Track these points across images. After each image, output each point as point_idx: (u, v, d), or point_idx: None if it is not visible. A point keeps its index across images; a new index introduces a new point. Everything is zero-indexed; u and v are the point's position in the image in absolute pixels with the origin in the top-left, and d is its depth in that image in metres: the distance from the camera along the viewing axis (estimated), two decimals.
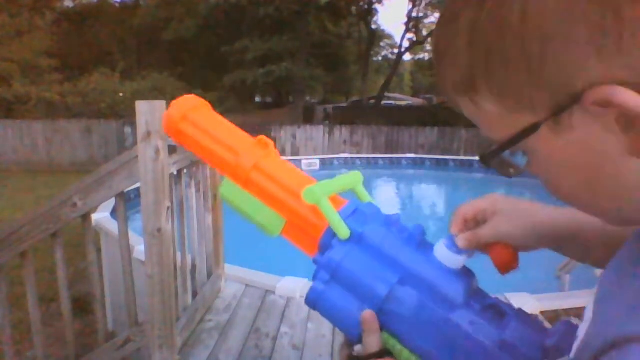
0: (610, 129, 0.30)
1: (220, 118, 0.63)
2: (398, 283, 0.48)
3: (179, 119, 0.60)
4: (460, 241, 0.50)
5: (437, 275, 0.48)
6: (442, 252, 0.50)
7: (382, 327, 0.49)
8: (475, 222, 0.54)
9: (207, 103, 0.63)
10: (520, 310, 0.49)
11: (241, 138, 0.60)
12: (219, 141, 0.59)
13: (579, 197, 0.36)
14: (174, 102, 0.61)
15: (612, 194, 0.33)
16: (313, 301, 0.52)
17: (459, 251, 0.50)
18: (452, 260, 0.49)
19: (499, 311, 0.48)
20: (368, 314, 0.49)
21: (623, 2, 0.27)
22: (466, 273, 0.50)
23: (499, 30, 0.31)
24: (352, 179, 0.58)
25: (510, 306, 0.49)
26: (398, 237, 0.51)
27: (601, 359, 0.29)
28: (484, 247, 0.52)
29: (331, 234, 0.52)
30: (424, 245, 0.51)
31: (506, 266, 0.51)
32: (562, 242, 0.52)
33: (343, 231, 0.51)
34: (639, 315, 0.28)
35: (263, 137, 0.60)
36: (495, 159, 0.37)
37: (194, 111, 0.61)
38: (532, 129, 0.33)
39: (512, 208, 0.52)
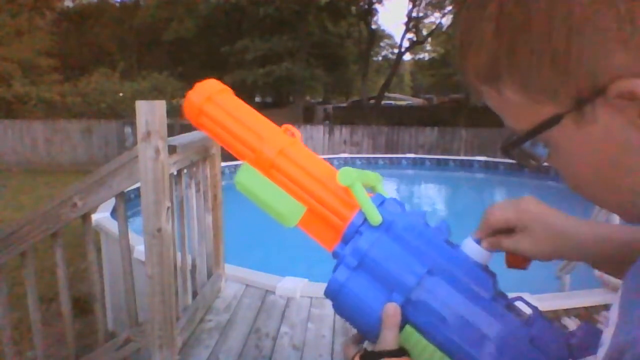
0: (633, 122, 0.30)
1: (244, 103, 0.61)
2: (427, 273, 0.47)
3: (204, 100, 0.58)
4: (484, 243, 0.51)
5: (467, 269, 0.48)
6: (471, 246, 0.50)
7: (408, 320, 0.47)
8: (505, 227, 0.52)
9: (230, 89, 0.62)
10: (540, 311, 0.48)
11: (266, 124, 0.59)
12: (244, 125, 0.58)
13: (597, 190, 0.35)
14: (197, 84, 0.60)
15: (631, 187, 0.33)
16: (334, 291, 0.49)
17: (487, 249, 0.50)
18: (481, 255, 0.49)
19: (522, 309, 0.48)
20: (392, 306, 0.46)
21: None
22: (490, 271, 0.50)
23: (526, 20, 0.31)
24: (375, 176, 0.58)
25: (532, 305, 0.49)
26: (426, 229, 0.51)
27: None
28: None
29: (360, 222, 0.51)
30: (449, 241, 0.51)
31: (514, 266, 0.52)
32: (587, 258, 0.50)
33: (375, 217, 0.50)
34: None
35: (290, 126, 0.59)
36: (515, 149, 0.36)
37: (219, 94, 0.60)
38: (555, 120, 0.33)
39: (540, 225, 0.49)
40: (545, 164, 0.38)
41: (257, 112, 0.61)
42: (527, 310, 0.49)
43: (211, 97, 0.59)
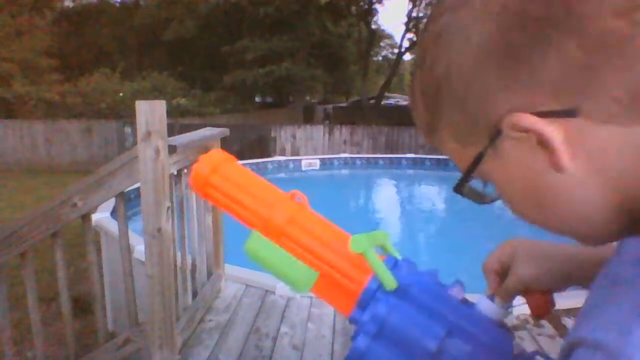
0: (534, 149, 0.35)
1: (250, 171, 0.62)
2: (447, 336, 0.47)
3: (209, 172, 0.59)
4: (497, 297, 0.53)
5: (485, 328, 0.48)
6: (486, 305, 0.50)
7: None
8: (504, 272, 0.55)
9: (234, 157, 0.63)
10: None
11: (273, 191, 0.59)
12: (251, 194, 0.58)
13: (536, 218, 0.39)
14: (202, 156, 0.61)
15: (556, 210, 0.37)
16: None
17: (502, 304, 0.51)
18: (498, 312, 0.50)
19: None
20: None
21: (515, 53, 0.34)
22: (507, 327, 0.50)
23: (435, 83, 0.39)
24: (383, 235, 0.57)
25: (549, 358, 0.49)
26: (441, 290, 0.51)
27: None
28: (522, 295, 0.54)
29: (375, 287, 0.51)
30: (464, 300, 0.51)
31: (541, 311, 0.53)
32: (586, 275, 0.52)
33: (390, 282, 0.49)
34: (586, 320, 0.31)
35: (297, 191, 0.59)
36: (463, 189, 0.42)
37: (224, 164, 0.61)
38: (478, 158, 0.39)
39: (528, 252, 0.54)
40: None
41: (263, 179, 0.61)
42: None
43: (216, 168, 0.60)
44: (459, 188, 0.42)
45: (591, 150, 0.33)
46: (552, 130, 0.33)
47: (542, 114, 0.33)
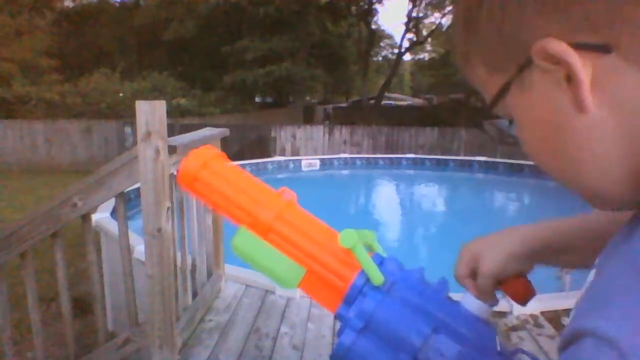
0: (560, 85, 0.32)
1: (239, 168, 0.61)
2: (433, 332, 0.47)
3: (199, 167, 0.59)
4: (477, 294, 0.53)
5: (470, 324, 0.49)
6: (471, 301, 0.50)
7: None
8: (471, 270, 0.56)
9: (223, 154, 0.62)
10: None
11: (262, 188, 0.60)
12: (240, 190, 0.58)
13: (552, 166, 0.37)
14: (192, 151, 0.60)
15: (573, 158, 0.35)
16: (342, 355, 0.50)
17: (487, 302, 0.52)
18: (482, 309, 0.50)
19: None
20: None
21: None
22: (492, 324, 0.51)
23: (478, 5, 0.37)
24: (371, 234, 0.57)
25: (533, 357, 0.49)
26: (426, 287, 0.51)
27: (563, 353, 0.31)
28: (499, 288, 0.54)
29: (361, 282, 0.51)
30: (449, 297, 0.52)
31: (521, 296, 0.53)
32: (550, 250, 0.54)
33: (378, 277, 0.50)
34: (594, 310, 0.30)
35: (286, 188, 0.59)
36: (486, 124, 0.40)
37: (213, 160, 0.60)
38: (504, 89, 0.37)
39: (486, 247, 0.56)
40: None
41: (252, 176, 0.61)
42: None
43: (206, 163, 0.59)
44: (480, 119, 0.40)
45: (619, 97, 0.31)
46: (582, 65, 0.31)
47: (575, 45, 0.31)
